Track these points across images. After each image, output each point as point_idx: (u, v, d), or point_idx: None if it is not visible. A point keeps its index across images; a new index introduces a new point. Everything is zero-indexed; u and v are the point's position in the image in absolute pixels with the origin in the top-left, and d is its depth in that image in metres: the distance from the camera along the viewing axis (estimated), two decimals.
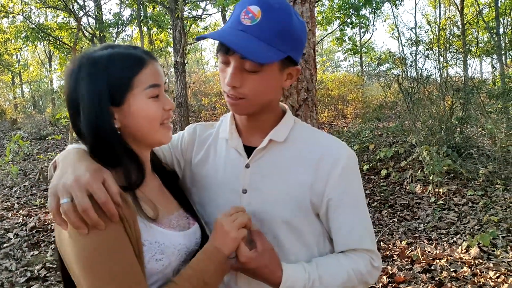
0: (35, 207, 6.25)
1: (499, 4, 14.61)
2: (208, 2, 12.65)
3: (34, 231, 5.11)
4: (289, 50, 1.04)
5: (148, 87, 0.99)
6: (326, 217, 1.15)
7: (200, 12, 14.97)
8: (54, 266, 4.07)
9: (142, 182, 1.02)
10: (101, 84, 0.96)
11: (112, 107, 0.98)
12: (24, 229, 5.22)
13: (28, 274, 3.94)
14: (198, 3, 13.88)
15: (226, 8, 12.38)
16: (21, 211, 6.03)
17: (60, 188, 0.87)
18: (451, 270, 3.47)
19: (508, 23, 17.02)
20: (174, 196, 1.17)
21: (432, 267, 3.57)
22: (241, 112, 1.12)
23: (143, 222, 0.96)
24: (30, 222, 5.43)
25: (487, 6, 17.92)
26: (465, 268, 3.46)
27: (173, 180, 1.21)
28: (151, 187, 1.09)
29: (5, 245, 4.69)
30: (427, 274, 3.46)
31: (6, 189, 7.50)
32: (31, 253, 4.45)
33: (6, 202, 6.63)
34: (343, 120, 14.03)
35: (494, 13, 13.76)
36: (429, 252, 3.88)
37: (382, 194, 5.78)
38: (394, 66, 9.94)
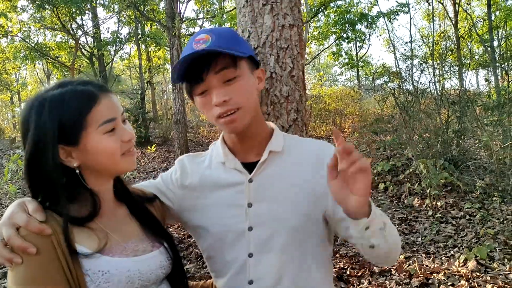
0: None
1: (493, 18, 14.81)
2: (205, 19, 12.81)
3: None
4: (248, 51, 1.14)
5: (101, 123, 0.99)
6: (333, 207, 1.17)
7: (197, 29, 15.14)
8: None
9: (91, 218, 1.03)
10: (50, 125, 0.96)
11: (67, 147, 0.99)
12: None
13: None
14: (195, 20, 14.05)
15: (223, 26, 12.52)
16: None
17: None
18: (449, 284, 3.47)
19: (503, 36, 17.20)
20: (141, 222, 1.17)
21: (430, 281, 3.57)
22: (240, 126, 1.15)
23: (86, 253, 0.97)
24: None
25: (481, 20, 18.15)
26: (462, 282, 3.46)
27: (141, 206, 1.21)
28: (110, 216, 1.10)
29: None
30: None
31: (5, 208, 7.49)
32: None
33: None
34: (341, 134, 14.06)
35: (487, 26, 13.93)
36: (426, 266, 3.88)
37: (380, 208, 5.79)
38: (390, 79, 10.05)
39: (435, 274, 3.66)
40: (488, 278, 3.47)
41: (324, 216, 1.21)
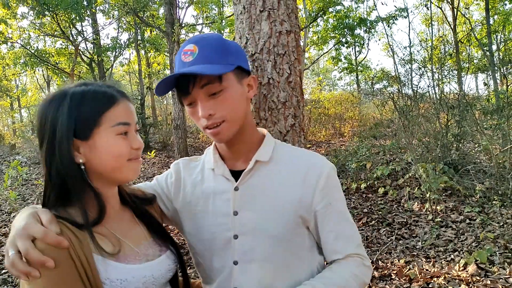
0: None
1: (491, 22, 14.85)
2: (204, 25, 12.85)
3: None
4: (236, 61, 1.14)
5: (116, 124, 1.01)
6: (315, 228, 1.22)
7: (196, 34, 15.18)
8: None
9: (100, 220, 1.02)
10: (68, 118, 0.98)
11: (77, 140, 0.99)
12: None
13: None
14: (194, 26, 14.10)
15: (222, 32, 12.57)
16: None
17: (7, 244, 0.91)
18: None
19: (501, 40, 17.26)
20: (147, 225, 1.18)
21: (430, 285, 3.56)
22: (226, 137, 1.17)
23: (102, 261, 0.97)
24: None
25: (479, 24, 18.21)
26: (462, 286, 3.45)
27: (145, 209, 1.21)
28: (118, 221, 1.11)
29: (3, 271, 4.68)
30: None
31: (5, 214, 7.49)
32: None
33: (4, 228, 6.62)
34: (340, 139, 14.09)
35: (486, 30, 13.98)
36: (427, 270, 3.88)
37: (380, 212, 5.79)
38: (389, 84, 10.07)
39: (435, 279, 3.66)
40: (488, 282, 3.47)
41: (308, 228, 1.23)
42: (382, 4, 16.19)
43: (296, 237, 1.21)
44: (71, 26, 15.87)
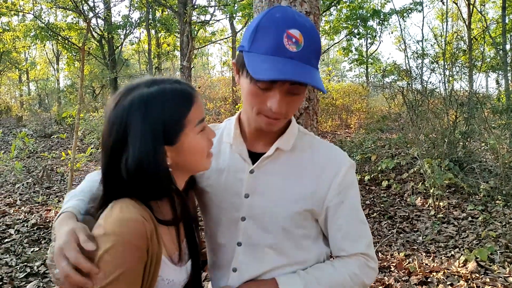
0: (37, 204, 6.29)
1: (506, 21, 14.65)
2: (216, 7, 12.74)
3: (35, 228, 5.15)
4: (318, 65, 1.08)
5: (197, 123, 1.01)
6: (324, 223, 1.20)
7: (208, 17, 15.08)
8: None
9: (178, 221, 1.05)
10: (155, 125, 0.95)
11: (166, 146, 0.97)
12: (25, 225, 5.26)
13: (28, 270, 3.97)
14: (206, 8, 13.98)
15: (234, 15, 12.47)
16: (23, 208, 6.08)
17: (51, 261, 0.92)
18: (448, 283, 3.48)
19: None
20: (185, 225, 1.15)
21: (428, 280, 3.58)
22: (276, 129, 1.14)
23: (164, 260, 0.99)
24: (31, 219, 5.46)
25: (494, 22, 17.97)
26: (461, 282, 3.46)
27: (189, 209, 1.16)
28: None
29: (6, 240, 4.73)
30: (424, 287, 3.47)
31: (10, 185, 7.55)
32: (32, 249, 4.49)
33: (8, 198, 6.68)
34: (346, 130, 14.05)
35: (501, 29, 13.80)
36: (426, 264, 3.89)
37: (382, 205, 5.80)
38: (399, 78, 9.99)
39: (434, 273, 3.67)
40: (488, 280, 3.47)
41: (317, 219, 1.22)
42: None
43: (303, 229, 1.19)
44: (83, 1, 15.80)
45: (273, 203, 1.17)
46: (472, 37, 14.66)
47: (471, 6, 15.49)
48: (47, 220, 5.44)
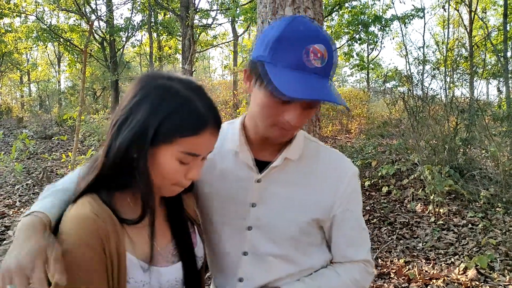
0: None
1: (508, 28, 14.67)
2: (218, 11, 12.78)
3: None
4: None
5: (184, 152, 0.92)
6: (329, 230, 1.21)
7: (210, 21, 15.11)
8: None
9: (142, 219, 0.96)
10: (157, 118, 0.90)
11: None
12: None
13: None
14: (208, 12, 14.03)
15: (236, 19, 12.50)
16: (22, 209, 6.06)
17: (4, 273, 0.81)
18: None
19: None
20: (174, 226, 1.11)
21: (428, 287, 3.57)
22: (285, 140, 1.13)
23: (132, 260, 0.94)
24: None
25: (496, 29, 17.99)
26: None
27: (178, 209, 1.14)
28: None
29: (5, 242, 4.72)
30: None
31: (9, 186, 7.54)
32: None
33: (8, 199, 6.67)
34: (346, 135, 14.04)
35: (502, 36, 13.82)
36: (426, 271, 3.88)
37: (382, 211, 5.79)
38: (400, 84, 10.00)
39: (434, 280, 3.66)
40: (487, 287, 3.46)
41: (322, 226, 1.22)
42: (400, 2, 15.98)
43: (308, 237, 1.20)
44: (86, 3, 15.84)
45: (281, 214, 1.16)
46: (473, 44, 14.68)
47: (473, 13, 15.52)
48: None
